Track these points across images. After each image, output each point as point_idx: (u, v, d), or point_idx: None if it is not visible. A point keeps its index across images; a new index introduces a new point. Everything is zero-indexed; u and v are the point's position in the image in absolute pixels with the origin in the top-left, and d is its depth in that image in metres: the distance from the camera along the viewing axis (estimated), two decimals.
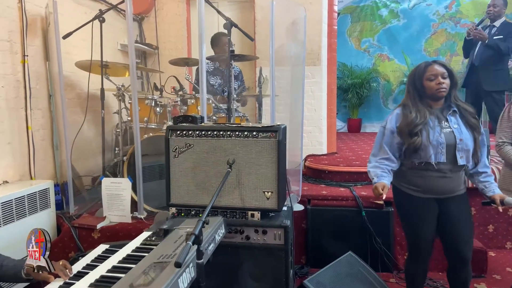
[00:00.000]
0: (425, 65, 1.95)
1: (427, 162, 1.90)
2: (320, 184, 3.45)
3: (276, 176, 1.73)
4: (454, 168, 1.92)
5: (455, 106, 1.97)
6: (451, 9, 7.32)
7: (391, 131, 1.98)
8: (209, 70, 3.48)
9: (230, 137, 1.76)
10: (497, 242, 3.21)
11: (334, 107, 4.29)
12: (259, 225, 1.73)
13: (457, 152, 1.89)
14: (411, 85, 1.98)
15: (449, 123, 1.93)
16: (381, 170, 1.96)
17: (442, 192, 1.95)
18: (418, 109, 1.92)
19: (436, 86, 1.89)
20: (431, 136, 1.88)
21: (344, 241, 2.91)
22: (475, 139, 1.92)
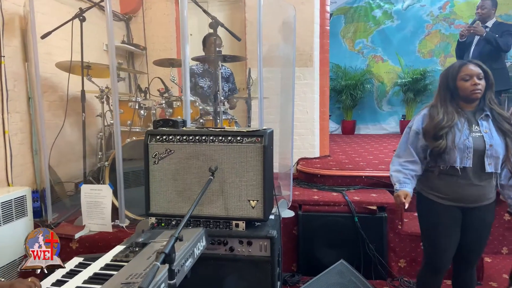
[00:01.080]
0: (459, 64, 1.83)
1: (452, 166, 1.78)
2: (312, 188, 3.35)
3: (262, 183, 1.62)
4: (482, 175, 1.79)
5: (488, 110, 1.85)
6: (445, 10, 7.28)
7: (416, 132, 1.87)
8: (198, 72, 3.38)
9: (213, 142, 1.65)
10: (493, 247, 3.13)
11: (326, 109, 4.20)
12: (243, 236, 1.63)
13: (486, 159, 1.77)
14: (443, 86, 1.86)
15: (480, 127, 1.81)
16: (403, 175, 1.86)
17: (469, 201, 1.82)
18: (447, 110, 1.80)
19: (471, 87, 1.77)
20: (457, 139, 1.76)
21: (337, 247, 2.82)
22: (507, 146, 1.79)
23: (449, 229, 1.87)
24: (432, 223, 1.91)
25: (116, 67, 2.59)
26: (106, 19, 2.09)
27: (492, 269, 2.90)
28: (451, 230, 1.87)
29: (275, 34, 3.88)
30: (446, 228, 1.87)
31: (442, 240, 1.87)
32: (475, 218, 1.85)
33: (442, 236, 1.88)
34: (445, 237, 1.87)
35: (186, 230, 1.44)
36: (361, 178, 3.29)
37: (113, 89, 2.07)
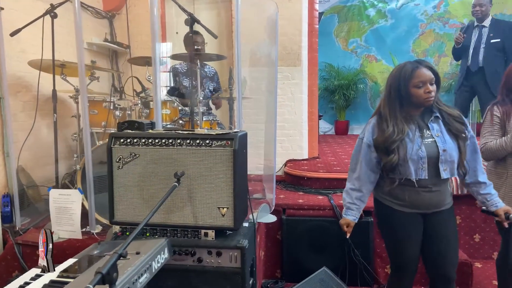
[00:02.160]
0: (412, 68, 1.68)
1: (407, 178, 1.71)
2: (299, 191, 3.25)
3: (232, 190, 1.52)
4: (438, 182, 1.73)
5: (437, 111, 1.76)
6: (439, 9, 7.20)
7: (367, 145, 1.78)
8: (182, 71, 3.28)
9: (181, 146, 1.55)
10: (483, 252, 3.05)
11: (315, 109, 4.10)
12: (212, 246, 1.53)
13: (440, 165, 1.69)
14: (394, 90, 1.73)
15: (431, 131, 1.73)
16: (349, 200, 1.86)
17: (427, 207, 1.77)
18: (396, 122, 1.70)
19: (425, 95, 1.67)
20: (410, 150, 1.67)
21: (322, 253, 2.73)
22: (459, 147, 1.71)
23: (410, 235, 1.81)
24: (392, 230, 1.84)
25: (90, 65, 2.49)
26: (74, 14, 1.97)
27: (482, 275, 2.81)
28: (413, 236, 1.81)
29: (262, 33, 3.78)
30: (406, 234, 1.81)
31: (405, 247, 1.81)
32: (436, 223, 1.79)
33: (404, 243, 1.81)
34: (407, 243, 1.81)
35: (146, 241, 1.34)
36: None
37: (81, 89, 1.96)
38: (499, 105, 2.00)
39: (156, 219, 1.58)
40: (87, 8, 3.59)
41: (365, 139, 1.80)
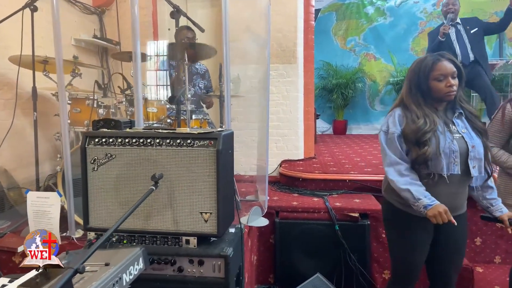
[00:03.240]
0: (432, 61, 1.60)
1: (438, 174, 1.57)
2: (293, 193, 3.14)
3: (216, 193, 1.41)
4: (466, 181, 1.63)
5: (460, 107, 1.66)
6: (439, 7, 7.07)
7: (398, 135, 1.62)
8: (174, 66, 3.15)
9: (160, 146, 1.43)
10: (485, 256, 2.93)
11: (311, 108, 3.99)
12: (194, 254, 1.41)
13: (470, 161, 1.58)
14: (414, 85, 1.64)
15: (456, 127, 1.63)
16: (423, 188, 1.58)
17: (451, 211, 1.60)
18: (425, 113, 1.59)
19: (446, 89, 1.58)
20: (442, 143, 1.56)
21: (316, 258, 2.62)
22: (485, 145, 1.62)
23: (422, 242, 1.70)
24: (403, 236, 1.72)
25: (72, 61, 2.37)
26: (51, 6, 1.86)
27: (484, 280, 2.70)
28: (424, 245, 1.70)
29: (255, 29, 3.67)
30: (418, 243, 1.70)
31: (414, 254, 1.70)
32: (451, 230, 1.65)
33: (414, 250, 1.70)
34: (418, 252, 1.70)
35: (119, 250, 1.23)
36: (345, 182, 3.09)
37: (59, 87, 1.85)
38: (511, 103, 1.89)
39: (134, 225, 1.46)
40: (75, 3, 3.47)
41: (392, 129, 1.63)
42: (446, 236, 1.70)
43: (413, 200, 1.55)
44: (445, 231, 1.69)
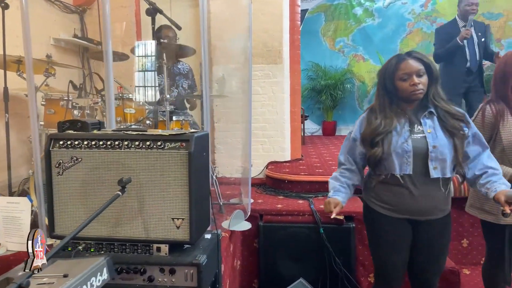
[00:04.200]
0: (396, 61, 1.59)
1: (392, 174, 1.58)
2: (279, 195, 3.08)
3: (188, 198, 1.34)
4: (429, 183, 1.57)
5: (432, 106, 1.62)
6: (427, 8, 7.11)
7: (353, 139, 1.70)
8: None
9: (129, 149, 1.36)
10: (472, 258, 2.91)
11: (298, 109, 3.94)
12: (164, 263, 1.34)
13: (430, 162, 1.55)
14: (381, 86, 1.64)
15: (423, 127, 1.60)
16: (339, 183, 1.70)
17: (418, 213, 1.62)
18: (385, 115, 1.60)
19: (411, 88, 1.55)
20: (394, 143, 1.56)
21: (301, 262, 2.56)
22: (455, 146, 1.56)
23: (396, 244, 1.67)
24: (378, 237, 1.72)
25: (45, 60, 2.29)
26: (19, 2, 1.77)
27: (471, 282, 2.67)
28: (399, 246, 1.67)
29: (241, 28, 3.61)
30: (393, 244, 1.67)
31: (389, 255, 1.68)
32: (426, 233, 1.65)
33: (389, 251, 1.67)
34: (392, 253, 1.67)
35: (83, 260, 1.15)
36: None
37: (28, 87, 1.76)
38: (491, 104, 1.85)
39: (101, 233, 1.38)
40: (54, 2, 3.37)
41: (352, 133, 1.73)
42: (422, 241, 1.67)
43: (329, 190, 1.72)
44: (422, 235, 1.66)
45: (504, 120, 1.79)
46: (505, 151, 1.78)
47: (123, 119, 2.22)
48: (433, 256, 1.69)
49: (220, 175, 3.77)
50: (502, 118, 1.80)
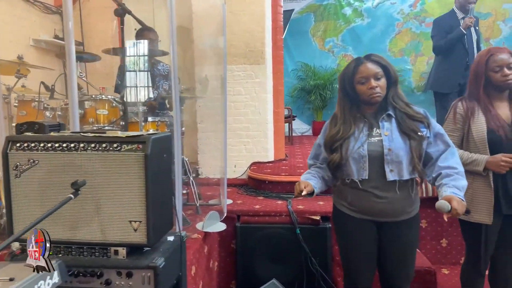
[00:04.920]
0: (355, 64, 1.61)
1: (351, 179, 1.61)
2: (259, 196, 3.08)
3: (145, 200, 1.33)
4: (386, 185, 1.57)
5: (391, 108, 1.62)
6: (415, 8, 7.13)
7: (318, 144, 1.74)
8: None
9: (85, 151, 1.35)
10: (451, 257, 2.92)
11: (281, 109, 3.94)
12: (121, 266, 1.33)
13: (386, 165, 1.55)
14: (342, 91, 1.66)
15: (381, 130, 1.60)
16: (310, 174, 1.70)
17: (380, 215, 1.62)
18: (344, 120, 1.62)
19: (368, 92, 1.57)
20: (351, 148, 1.58)
21: (278, 262, 2.56)
22: (411, 147, 1.55)
23: (361, 246, 1.67)
24: (344, 237, 1.73)
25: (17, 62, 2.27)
26: None
27: (449, 282, 2.68)
28: (364, 247, 1.67)
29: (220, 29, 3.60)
30: (358, 245, 1.67)
31: (356, 258, 1.69)
32: (390, 235, 1.65)
33: (355, 254, 1.68)
34: (357, 253, 1.68)
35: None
36: None
37: None
38: (463, 101, 1.87)
39: (59, 236, 1.37)
40: (34, 2, 3.35)
41: (318, 139, 1.78)
42: (388, 243, 1.67)
43: None
44: (386, 237, 1.66)
45: (474, 117, 1.80)
46: (478, 146, 1.78)
47: (95, 120, 2.21)
48: (399, 259, 1.68)
49: (203, 175, 3.76)
50: (472, 115, 1.81)
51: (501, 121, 1.75)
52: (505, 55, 1.75)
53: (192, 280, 1.95)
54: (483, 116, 1.78)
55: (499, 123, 1.74)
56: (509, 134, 1.74)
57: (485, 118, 1.77)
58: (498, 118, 1.76)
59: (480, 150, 1.76)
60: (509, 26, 6.94)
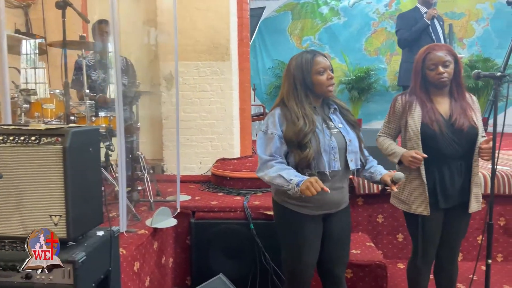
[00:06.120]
0: (311, 56, 1.61)
1: (319, 172, 1.57)
2: (220, 192, 3.08)
3: (64, 194, 1.31)
4: (346, 175, 1.67)
5: (333, 103, 1.69)
6: (391, 8, 7.23)
7: (279, 136, 1.59)
8: (90, 64, 3.03)
9: (5, 144, 1.33)
10: (407, 252, 2.94)
11: (248, 106, 3.95)
12: None
13: (348, 155, 1.61)
14: (299, 81, 1.60)
15: (333, 122, 1.64)
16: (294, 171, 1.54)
17: (332, 207, 1.67)
18: (305, 112, 1.57)
19: (327, 82, 1.60)
20: (322, 141, 1.56)
21: (233, 258, 2.57)
22: (359, 137, 1.67)
23: (312, 240, 1.68)
24: (293, 234, 1.69)
25: None
26: None
27: (403, 276, 2.70)
28: (314, 240, 1.68)
29: (188, 25, 3.59)
30: (310, 241, 1.67)
31: (305, 252, 1.67)
32: (334, 224, 1.69)
33: (304, 249, 1.67)
34: (308, 249, 1.67)
35: None
36: None
37: None
38: (403, 96, 1.90)
39: None
40: None
41: (272, 130, 1.59)
42: (331, 230, 1.70)
43: (286, 182, 1.49)
44: (329, 225, 1.69)
45: (411, 111, 1.83)
46: (412, 140, 1.82)
47: (41, 115, 2.18)
48: (342, 247, 1.74)
49: (168, 172, 3.74)
50: (410, 109, 1.84)
51: (436, 115, 1.78)
52: (441, 52, 1.77)
53: (135, 275, 1.94)
54: (420, 111, 1.81)
55: (434, 117, 1.77)
56: (445, 129, 1.76)
57: (421, 113, 1.80)
58: (434, 113, 1.78)
59: (414, 144, 1.79)
60: (482, 26, 7.08)
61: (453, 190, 1.78)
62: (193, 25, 3.60)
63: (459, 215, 1.84)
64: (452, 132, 1.75)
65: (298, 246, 1.67)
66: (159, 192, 2.96)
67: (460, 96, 1.81)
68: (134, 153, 2.58)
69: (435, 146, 1.76)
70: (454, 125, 1.75)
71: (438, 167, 1.78)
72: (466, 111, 1.78)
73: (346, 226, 1.74)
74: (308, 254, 1.68)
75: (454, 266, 1.96)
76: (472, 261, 2.01)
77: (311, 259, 1.69)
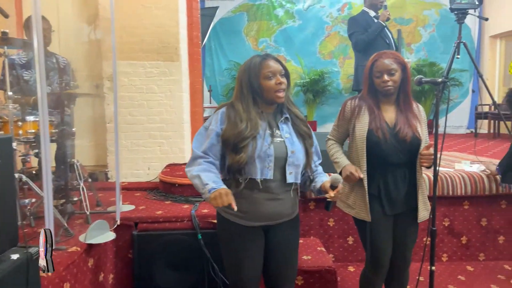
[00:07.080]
0: (260, 60, 1.52)
1: (251, 178, 1.49)
2: (167, 200, 2.91)
3: None
4: (284, 187, 1.55)
5: (287, 111, 1.60)
6: (343, 12, 7.39)
7: (217, 133, 1.51)
8: (21, 63, 2.75)
9: None
10: (357, 255, 2.97)
11: (200, 109, 3.81)
12: None
13: (287, 167, 1.52)
14: (246, 85, 1.53)
15: (280, 131, 1.56)
16: (215, 175, 1.46)
17: (271, 218, 1.56)
18: (250, 117, 1.50)
19: (276, 87, 1.50)
20: (259, 148, 1.47)
21: (180, 270, 2.42)
22: (307, 151, 1.57)
23: (250, 250, 1.58)
24: (230, 246, 1.60)
25: None
26: None
27: (353, 280, 2.72)
28: (254, 254, 1.59)
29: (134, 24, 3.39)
30: (250, 253, 1.58)
31: (244, 266, 1.57)
32: (279, 237, 1.60)
33: (243, 262, 1.57)
34: (247, 262, 1.58)
35: None
36: None
37: None
38: (353, 100, 1.87)
39: None
40: None
41: (212, 126, 1.53)
42: (274, 244, 1.61)
43: (202, 185, 1.42)
44: (272, 238, 1.61)
45: (360, 115, 1.81)
46: (357, 145, 1.79)
47: None
48: (287, 260, 1.65)
49: (112, 179, 3.50)
50: (358, 114, 1.81)
51: (382, 123, 1.77)
52: (388, 60, 1.75)
53: None
54: (368, 117, 1.79)
55: (380, 124, 1.76)
56: (389, 137, 1.75)
57: (369, 119, 1.79)
58: (380, 120, 1.77)
59: (359, 150, 1.77)
60: (429, 32, 7.45)
61: (398, 197, 1.78)
62: (140, 23, 3.41)
63: (409, 222, 1.84)
64: (396, 140, 1.74)
65: (239, 259, 1.59)
66: (100, 203, 2.74)
67: (406, 106, 1.81)
68: (69, 160, 2.35)
69: (379, 153, 1.75)
70: (398, 134, 1.75)
71: (382, 173, 1.77)
72: (411, 121, 1.78)
73: (292, 240, 1.65)
74: (249, 267, 1.59)
75: (406, 274, 1.96)
76: (418, 262, 2.02)
77: (252, 272, 1.60)
